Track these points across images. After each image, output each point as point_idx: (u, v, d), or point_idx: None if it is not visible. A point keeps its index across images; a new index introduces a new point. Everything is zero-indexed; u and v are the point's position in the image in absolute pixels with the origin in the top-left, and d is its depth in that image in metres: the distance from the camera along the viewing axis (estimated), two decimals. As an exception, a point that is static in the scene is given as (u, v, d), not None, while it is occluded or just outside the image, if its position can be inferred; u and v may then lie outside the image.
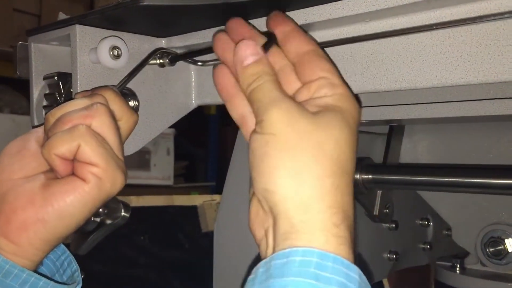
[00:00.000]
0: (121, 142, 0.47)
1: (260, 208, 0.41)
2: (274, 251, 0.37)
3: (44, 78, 0.56)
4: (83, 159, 0.43)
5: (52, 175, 0.46)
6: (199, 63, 0.56)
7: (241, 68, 0.42)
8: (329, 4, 0.46)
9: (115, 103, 0.47)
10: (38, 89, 0.57)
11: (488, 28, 0.42)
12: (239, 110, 0.45)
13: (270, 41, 0.44)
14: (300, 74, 0.43)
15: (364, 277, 0.36)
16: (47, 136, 0.45)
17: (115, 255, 1.54)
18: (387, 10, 0.44)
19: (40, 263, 0.47)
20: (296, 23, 0.46)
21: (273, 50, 0.44)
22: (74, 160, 0.44)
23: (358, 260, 0.37)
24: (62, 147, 0.43)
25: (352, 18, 0.46)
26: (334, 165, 0.38)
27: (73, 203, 0.43)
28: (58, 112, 0.45)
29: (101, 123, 0.44)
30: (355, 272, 0.35)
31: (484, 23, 0.41)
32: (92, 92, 0.47)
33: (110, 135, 0.45)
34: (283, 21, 0.45)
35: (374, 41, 0.48)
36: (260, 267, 0.36)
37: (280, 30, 0.44)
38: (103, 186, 0.44)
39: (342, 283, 0.34)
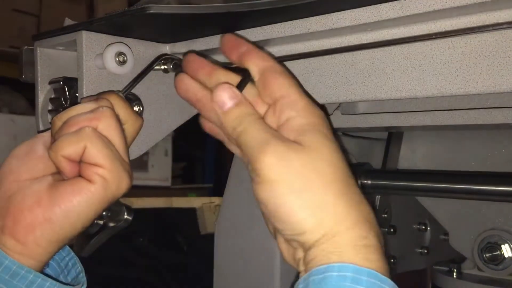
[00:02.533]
0: (126, 145, 0.47)
1: (289, 245, 0.42)
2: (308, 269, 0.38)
3: (50, 83, 0.57)
4: (89, 161, 0.44)
5: (59, 177, 0.46)
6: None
7: (222, 114, 0.43)
8: (332, 14, 0.47)
9: (120, 108, 0.48)
10: (43, 93, 0.57)
11: (487, 39, 0.43)
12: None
13: (245, 78, 0.45)
14: (262, 96, 0.45)
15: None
16: (54, 139, 0.46)
17: (113, 256, 1.54)
18: (388, 21, 0.45)
19: (47, 264, 0.48)
20: (249, 42, 0.47)
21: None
22: (80, 162, 0.45)
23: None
24: (69, 148, 0.43)
25: (354, 28, 0.47)
26: (339, 183, 0.40)
27: (79, 203, 0.44)
28: (64, 115, 0.46)
29: (107, 126, 0.45)
30: (389, 285, 0.37)
31: (483, 35, 0.43)
32: (98, 96, 0.48)
33: (115, 138, 0.45)
34: (236, 44, 0.46)
35: (375, 50, 0.49)
36: (300, 284, 0.38)
37: (237, 53, 0.45)
38: (109, 187, 0.44)
39: None
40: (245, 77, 0.45)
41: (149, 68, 0.55)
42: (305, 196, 0.39)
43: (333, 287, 0.36)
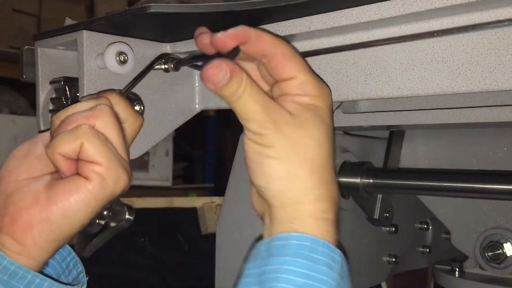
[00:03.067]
0: (126, 143, 0.47)
1: (261, 203, 0.48)
2: (271, 232, 0.44)
3: (51, 83, 0.57)
4: (86, 158, 0.43)
5: (58, 176, 0.46)
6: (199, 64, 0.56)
7: (219, 91, 0.43)
8: (333, 12, 0.47)
9: (120, 106, 0.48)
10: (44, 93, 0.57)
11: (489, 37, 0.42)
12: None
13: (235, 49, 0.45)
14: (272, 74, 0.46)
15: (344, 258, 0.44)
16: (52, 138, 0.45)
17: (115, 256, 1.54)
18: (389, 19, 0.44)
19: (46, 263, 0.47)
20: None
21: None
22: (78, 160, 0.44)
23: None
24: (65, 146, 0.43)
25: (355, 26, 0.47)
26: (317, 162, 0.44)
27: (76, 201, 0.43)
28: (63, 114, 0.46)
29: (104, 124, 0.44)
30: (339, 255, 0.43)
31: (484, 33, 0.42)
32: (97, 95, 0.48)
33: (113, 136, 0.45)
34: (244, 30, 0.45)
35: (376, 48, 0.49)
36: (262, 245, 0.44)
37: (245, 35, 0.45)
38: (106, 185, 0.44)
39: (328, 263, 0.42)
40: (236, 48, 0.45)
41: (149, 68, 0.55)
42: (285, 164, 0.43)
43: (293, 254, 0.41)
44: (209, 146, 2.92)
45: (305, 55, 0.53)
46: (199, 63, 0.56)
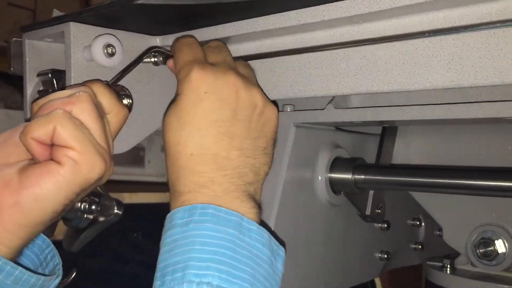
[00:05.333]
0: (106, 132, 0.46)
1: None
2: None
3: (38, 75, 0.56)
4: (59, 142, 0.42)
5: (33, 162, 0.45)
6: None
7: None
8: (322, 5, 0.46)
9: (104, 96, 0.47)
10: (32, 85, 0.57)
11: (478, 33, 0.42)
12: None
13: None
14: None
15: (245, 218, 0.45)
16: None
17: (108, 252, 1.54)
18: (379, 13, 0.44)
19: (19, 252, 0.46)
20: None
21: None
22: (52, 146, 0.43)
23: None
24: (38, 130, 0.42)
25: (345, 20, 0.47)
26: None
27: (47, 185, 0.42)
28: (42, 101, 0.45)
29: (81, 110, 0.43)
30: (235, 216, 0.45)
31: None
32: (81, 84, 0.47)
33: (91, 122, 0.44)
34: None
35: (367, 43, 0.48)
36: (178, 213, 0.46)
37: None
38: (79, 170, 0.43)
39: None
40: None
41: (138, 60, 0.55)
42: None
43: (198, 221, 0.44)
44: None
45: (296, 51, 0.53)
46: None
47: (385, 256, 0.82)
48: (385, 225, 0.79)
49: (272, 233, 0.47)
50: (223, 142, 0.47)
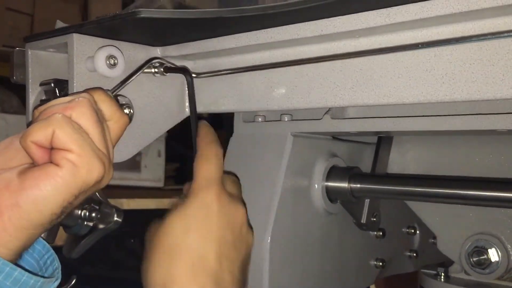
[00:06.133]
0: (104, 136, 0.46)
1: None
2: None
3: (41, 84, 0.57)
4: (58, 146, 0.43)
5: (34, 166, 0.45)
6: (193, 75, 0.57)
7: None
8: (321, 20, 0.48)
9: (105, 103, 0.48)
10: (34, 94, 0.58)
11: (472, 48, 0.43)
12: None
13: None
14: None
15: None
16: None
17: (104, 257, 1.54)
18: (376, 28, 0.45)
19: (19, 255, 0.46)
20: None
21: None
22: (52, 149, 0.44)
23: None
24: (37, 133, 0.43)
25: (343, 34, 0.48)
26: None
27: (46, 187, 0.43)
28: (43, 107, 0.46)
29: (81, 114, 0.44)
30: None
31: (468, 44, 0.43)
32: (83, 92, 0.48)
33: (90, 126, 0.45)
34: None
35: (363, 57, 0.49)
36: None
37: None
38: (78, 173, 0.43)
39: None
40: None
41: (139, 70, 0.56)
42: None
43: None
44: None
45: (294, 62, 0.54)
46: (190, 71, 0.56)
47: (380, 263, 0.83)
48: (381, 233, 0.80)
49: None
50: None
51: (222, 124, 2.76)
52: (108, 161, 0.46)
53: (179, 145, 2.82)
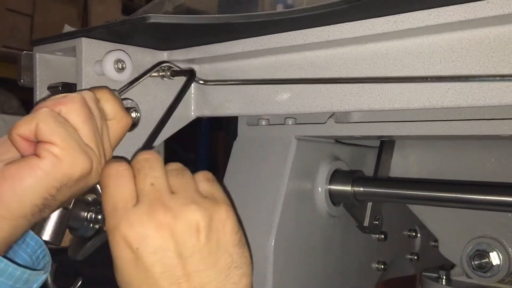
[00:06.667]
0: (97, 133, 0.46)
1: None
2: None
3: (49, 88, 0.58)
4: (41, 138, 0.44)
5: None
6: (201, 82, 0.57)
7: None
8: (327, 26, 0.48)
9: (109, 102, 0.48)
10: (42, 97, 0.58)
11: (477, 55, 0.44)
12: None
13: None
14: None
15: None
16: None
17: (107, 259, 1.54)
18: (382, 35, 0.46)
19: (9, 247, 0.46)
20: None
21: None
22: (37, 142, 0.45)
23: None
24: (22, 127, 0.44)
25: (349, 40, 0.48)
26: None
27: (25, 177, 0.43)
28: (40, 104, 0.46)
29: (71, 110, 0.44)
30: None
31: (472, 50, 0.44)
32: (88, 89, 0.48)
33: (79, 122, 0.45)
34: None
35: (370, 63, 0.50)
36: None
37: None
38: (60, 165, 0.43)
39: None
40: None
41: (146, 74, 0.56)
42: None
43: None
44: (202, 149, 2.92)
45: (299, 67, 0.55)
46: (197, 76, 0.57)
47: (382, 266, 0.84)
48: (382, 236, 0.81)
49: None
50: None
51: (222, 126, 2.76)
52: (98, 158, 0.46)
53: (179, 148, 2.83)
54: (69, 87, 0.56)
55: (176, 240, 0.42)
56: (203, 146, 2.92)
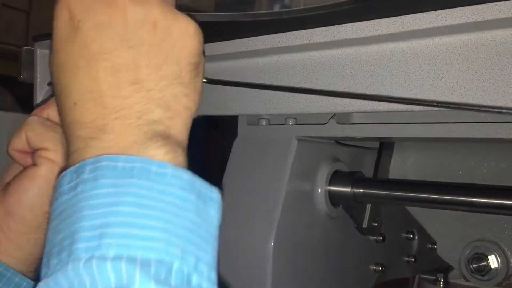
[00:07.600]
0: None
1: None
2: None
3: (49, 84, 0.57)
4: (34, 147, 0.44)
5: None
6: (204, 80, 0.57)
7: None
8: (333, 26, 0.48)
9: None
10: (42, 94, 0.58)
11: (483, 57, 0.44)
12: None
13: None
14: None
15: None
16: None
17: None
18: (388, 36, 0.46)
19: (31, 266, 0.45)
20: None
21: None
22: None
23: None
24: (14, 141, 0.44)
25: (354, 41, 0.48)
26: None
27: (27, 187, 0.43)
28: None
29: (56, 113, 0.43)
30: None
31: (478, 53, 0.44)
32: None
33: None
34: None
35: (374, 63, 0.50)
36: (65, 176, 0.35)
37: None
38: (57, 168, 0.43)
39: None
40: None
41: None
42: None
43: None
44: (196, 149, 2.91)
45: (303, 67, 0.54)
46: None
47: (380, 268, 0.84)
48: (381, 238, 0.81)
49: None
50: (109, 78, 0.36)
51: (217, 125, 2.76)
52: None
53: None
54: (70, 84, 0.55)
55: (125, 24, 0.36)
56: (197, 146, 2.91)
